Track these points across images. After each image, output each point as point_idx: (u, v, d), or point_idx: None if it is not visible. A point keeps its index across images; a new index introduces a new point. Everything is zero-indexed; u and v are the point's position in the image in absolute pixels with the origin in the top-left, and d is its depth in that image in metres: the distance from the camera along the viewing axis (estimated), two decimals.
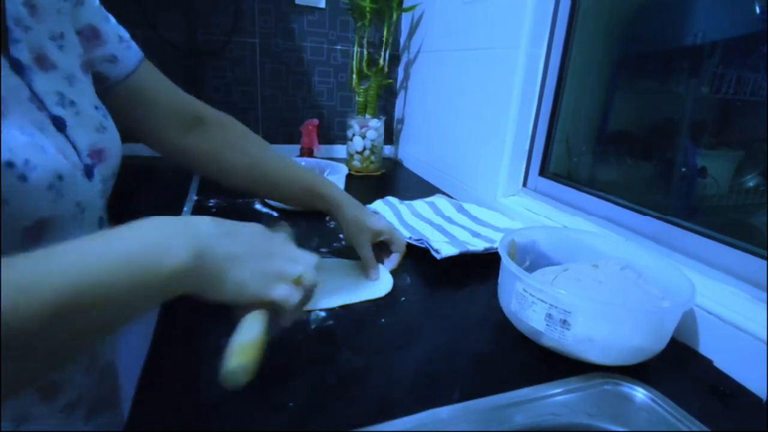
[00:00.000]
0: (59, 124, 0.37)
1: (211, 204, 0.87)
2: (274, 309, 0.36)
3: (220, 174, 0.59)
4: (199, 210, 0.84)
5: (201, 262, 0.31)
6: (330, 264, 0.66)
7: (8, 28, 0.35)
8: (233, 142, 0.59)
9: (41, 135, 0.34)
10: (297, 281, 0.37)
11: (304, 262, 0.39)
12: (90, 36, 0.45)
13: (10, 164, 0.30)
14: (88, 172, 0.39)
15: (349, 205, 0.61)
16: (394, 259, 0.65)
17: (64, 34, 0.41)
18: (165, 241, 0.30)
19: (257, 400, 0.39)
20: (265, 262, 0.36)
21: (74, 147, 0.38)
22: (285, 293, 0.36)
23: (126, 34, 0.51)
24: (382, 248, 0.65)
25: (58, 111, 0.38)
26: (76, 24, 0.44)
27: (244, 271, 0.34)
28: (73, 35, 0.43)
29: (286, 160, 0.62)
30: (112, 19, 0.49)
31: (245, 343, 0.32)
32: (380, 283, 0.60)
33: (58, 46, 0.40)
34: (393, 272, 0.63)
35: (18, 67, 0.35)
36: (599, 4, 0.81)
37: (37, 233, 0.33)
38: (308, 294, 0.38)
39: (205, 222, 0.34)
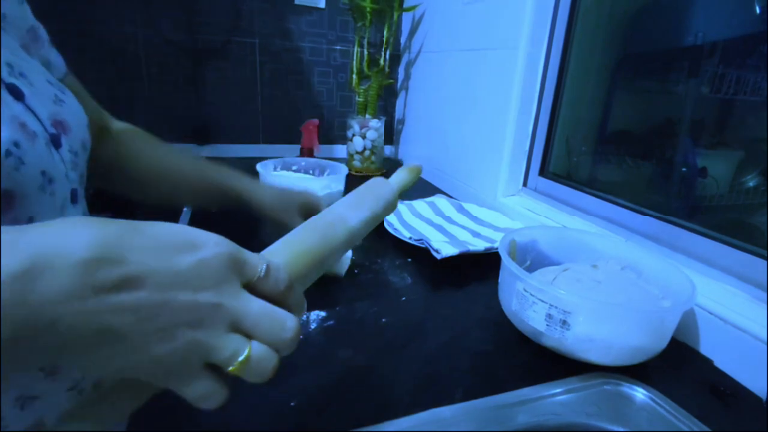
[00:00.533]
0: (16, 93, 0.36)
1: None
2: None
3: (127, 183, 0.57)
4: (199, 210, 0.84)
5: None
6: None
7: None
8: (136, 149, 0.57)
9: None
10: (237, 367, 0.24)
11: (264, 322, 0.24)
12: (33, 37, 0.45)
13: None
14: (55, 141, 0.38)
15: (263, 188, 0.60)
16: None
17: (6, 16, 0.40)
18: None
19: (257, 400, 0.39)
20: (162, 343, 0.22)
21: (35, 115, 0.37)
22: (198, 393, 0.23)
23: (53, 47, 0.50)
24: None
25: (11, 80, 0.36)
26: (23, 22, 0.44)
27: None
28: (16, 20, 0.42)
29: (195, 161, 0.60)
30: (41, 26, 0.49)
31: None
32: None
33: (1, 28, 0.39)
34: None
35: None
36: (599, 4, 0.82)
37: (6, 205, 0.31)
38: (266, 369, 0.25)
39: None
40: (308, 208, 0.61)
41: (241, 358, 0.24)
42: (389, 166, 1.35)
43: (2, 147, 0.30)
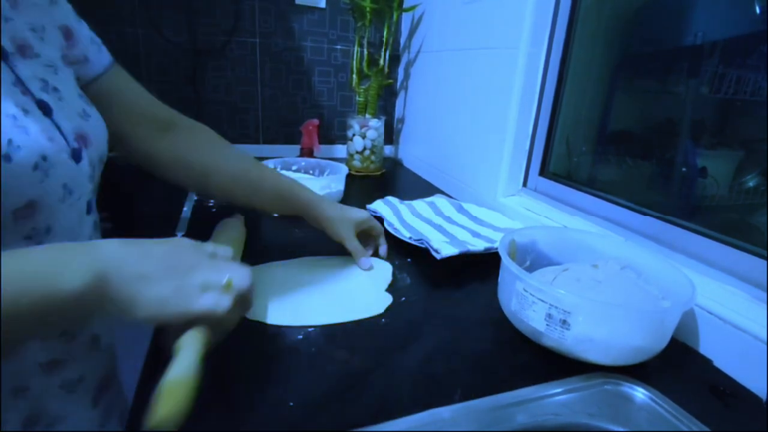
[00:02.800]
0: (45, 109, 0.38)
1: (210, 204, 0.87)
2: (210, 324, 0.35)
3: (191, 177, 0.59)
4: (199, 210, 0.84)
5: (104, 284, 0.31)
6: (327, 263, 0.66)
7: None
8: (203, 146, 0.59)
9: (25, 117, 0.35)
10: (226, 287, 0.36)
11: (232, 268, 0.38)
12: (65, 35, 0.46)
13: None
14: (76, 155, 0.40)
15: (329, 203, 0.65)
16: (383, 246, 0.69)
17: (44, 28, 0.42)
18: (59, 267, 0.30)
19: (257, 399, 0.39)
20: (184, 276, 0.35)
21: (60, 131, 0.39)
22: (210, 302, 0.34)
23: (98, 39, 0.51)
24: (366, 239, 0.68)
25: (42, 96, 0.38)
26: (53, 22, 0.45)
27: (160, 287, 0.33)
28: (54, 30, 0.44)
29: (263, 166, 0.63)
30: (85, 24, 0.50)
31: (173, 383, 0.30)
32: (381, 276, 0.62)
33: (39, 37, 0.41)
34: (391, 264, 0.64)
35: (3, 54, 0.36)
36: (599, 4, 0.81)
37: (29, 214, 0.34)
38: (244, 299, 0.38)
39: (110, 244, 0.33)
40: (364, 227, 0.66)
41: (226, 283, 0.36)
42: (389, 166, 1.35)
43: (30, 159, 0.34)
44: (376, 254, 0.69)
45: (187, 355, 0.32)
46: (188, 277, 0.35)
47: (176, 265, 0.35)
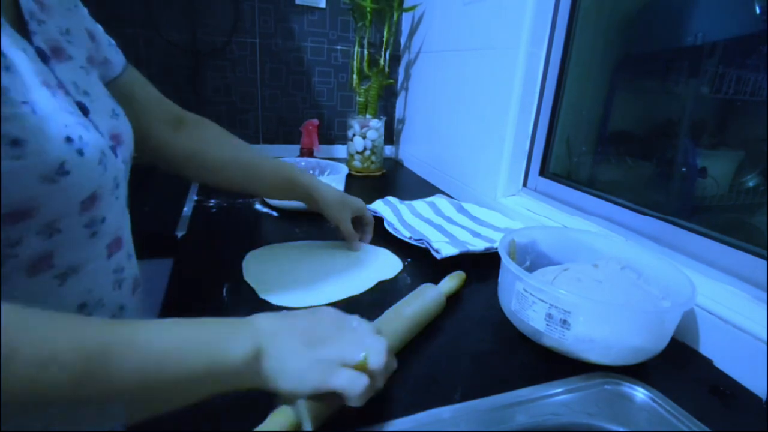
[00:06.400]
0: (84, 110, 0.40)
1: (211, 204, 0.87)
2: (338, 397, 0.35)
3: (204, 171, 0.62)
4: (199, 210, 0.84)
5: (259, 357, 0.33)
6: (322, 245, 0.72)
7: (25, 20, 0.37)
8: (214, 140, 0.63)
9: (80, 116, 0.37)
10: (361, 366, 0.35)
11: (369, 345, 0.36)
12: (90, 37, 0.48)
13: (70, 139, 0.34)
14: (113, 151, 0.42)
15: (327, 188, 0.68)
16: (368, 234, 0.73)
17: (70, 30, 0.43)
18: (227, 339, 0.32)
19: (257, 400, 0.39)
20: (323, 350, 0.35)
21: (98, 130, 0.40)
22: (345, 381, 0.34)
23: (113, 41, 0.54)
24: (357, 227, 0.72)
25: (79, 98, 0.40)
26: (79, 24, 0.46)
27: (301, 361, 0.34)
28: (81, 31, 0.45)
29: (265, 155, 0.67)
30: (100, 27, 0.51)
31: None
32: (388, 269, 0.65)
33: (67, 40, 0.42)
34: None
35: (42, 56, 0.37)
36: (599, 4, 0.81)
37: (90, 205, 0.37)
38: (377, 376, 0.36)
39: (264, 319, 0.36)
40: (358, 215, 0.71)
41: (362, 361, 0.35)
42: (389, 166, 1.35)
43: (95, 154, 0.37)
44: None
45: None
46: (326, 350, 0.35)
47: (317, 337, 0.36)
